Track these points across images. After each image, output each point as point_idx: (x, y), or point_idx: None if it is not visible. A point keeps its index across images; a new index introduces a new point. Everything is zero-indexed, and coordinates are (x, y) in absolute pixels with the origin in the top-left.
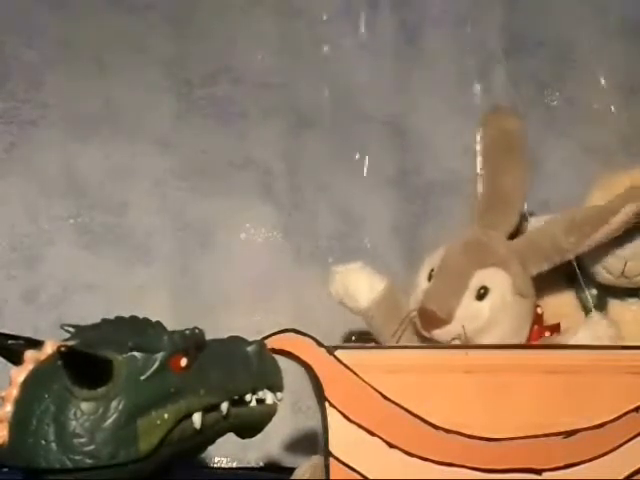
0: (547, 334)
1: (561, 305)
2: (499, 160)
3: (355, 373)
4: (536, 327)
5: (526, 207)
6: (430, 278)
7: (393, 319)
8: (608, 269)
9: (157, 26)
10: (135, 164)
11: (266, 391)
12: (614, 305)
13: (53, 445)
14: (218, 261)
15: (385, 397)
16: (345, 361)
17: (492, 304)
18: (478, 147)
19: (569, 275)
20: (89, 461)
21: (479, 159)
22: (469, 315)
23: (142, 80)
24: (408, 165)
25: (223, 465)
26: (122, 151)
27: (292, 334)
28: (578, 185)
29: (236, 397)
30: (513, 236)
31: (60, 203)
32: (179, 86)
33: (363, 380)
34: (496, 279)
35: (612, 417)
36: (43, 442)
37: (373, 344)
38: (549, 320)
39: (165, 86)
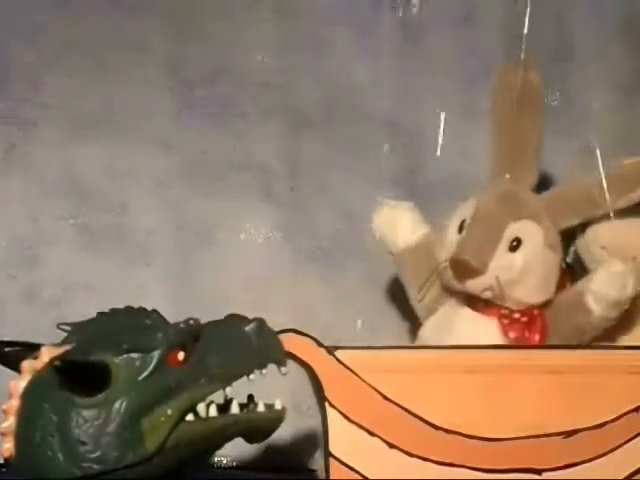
0: (568, 285)
1: None
2: (520, 114)
3: (355, 373)
4: (562, 281)
5: None
6: (461, 230)
7: (424, 270)
8: (597, 260)
9: (157, 26)
10: (135, 164)
11: (277, 400)
12: None
13: (59, 455)
14: (218, 261)
15: (385, 397)
16: (345, 361)
17: (525, 256)
18: (493, 99)
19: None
20: (97, 467)
21: (495, 111)
22: (502, 266)
23: (142, 80)
24: (408, 165)
25: (223, 465)
26: (122, 151)
27: (292, 334)
28: None
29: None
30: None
31: (60, 203)
32: (179, 86)
33: (363, 380)
34: (529, 231)
35: (612, 417)
36: (49, 453)
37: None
38: None
39: (165, 86)
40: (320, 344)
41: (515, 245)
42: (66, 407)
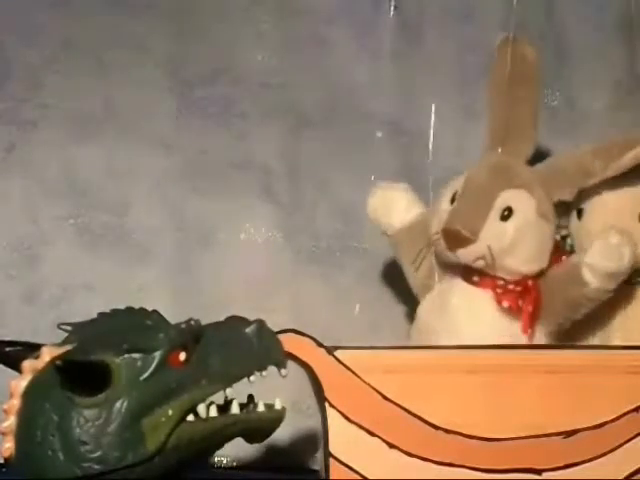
0: (564, 257)
1: None
2: (515, 88)
3: (355, 373)
4: (557, 253)
5: None
6: (453, 201)
7: (418, 248)
8: None
9: (157, 26)
10: (135, 164)
11: (277, 400)
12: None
13: (60, 455)
14: (218, 261)
15: (385, 397)
16: (345, 361)
17: (516, 225)
18: (491, 73)
19: None
20: (97, 467)
21: (492, 85)
22: (494, 235)
23: (142, 80)
24: (408, 165)
25: (223, 465)
26: (122, 151)
27: (292, 334)
28: None
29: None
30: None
31: (60, 203)
32: (179, 86)
33: (363, 380)
34: (521, 200)
35: (612, 417)
36: (50, 453)
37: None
38: None
39: (165, 86)
40: (320, 344)
41: (507, 214)
42: (67, 407)
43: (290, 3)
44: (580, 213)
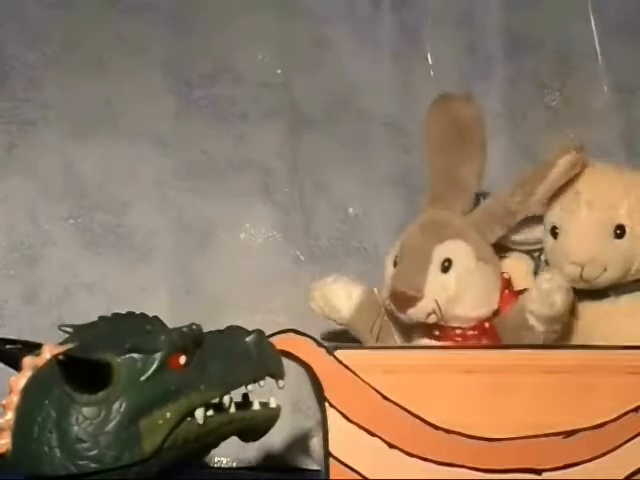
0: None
1: None
2: (453, 147)
3: (355, 373)
4: (506, 292)
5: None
6: (395, 265)
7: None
8: (567, 275)
9: (157, 26)
10: (135, 164)
11: (272, 399)
12: (586, 307)
13: (57, 452)
14: (218, 261)
15: (385, 397)
16: (345, 361)
17: (457, 273)
18: (426, 133)
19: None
20: (94, 465)
21: (428, 145)
22: (438, 288)
23: (142, 80)
24: (408, 165)
25: (223, 465)
26: (122, 151)
27: (292, 334)
28: None
29: (237, 389)
30: None
31: (60, 203)
32: (179, 86)
33: (363, 380)
34: (457, 249)
35: (612, 417)
36: (46, 449)
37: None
38: None
39: (165, 86)
40: (320, 344)
41: (447, 266)
42: (66, 404)
43: (290, 3)
44: (554, 233)
